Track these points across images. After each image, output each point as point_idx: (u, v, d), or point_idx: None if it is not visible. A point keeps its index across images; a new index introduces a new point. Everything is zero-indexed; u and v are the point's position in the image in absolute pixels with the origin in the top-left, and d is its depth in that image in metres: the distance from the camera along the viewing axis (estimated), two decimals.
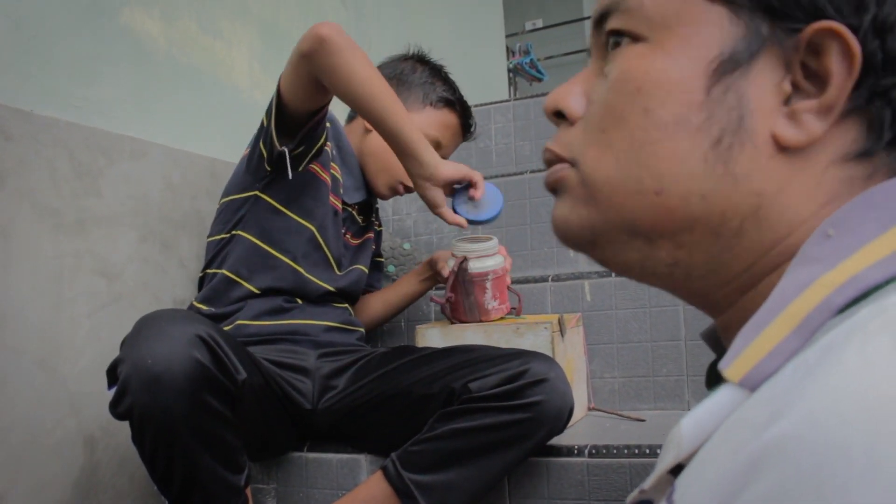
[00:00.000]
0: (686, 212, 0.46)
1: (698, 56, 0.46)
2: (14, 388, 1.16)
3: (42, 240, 1.23)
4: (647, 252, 0.49)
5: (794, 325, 0.39)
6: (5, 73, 1.22)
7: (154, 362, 0.99)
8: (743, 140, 0.45)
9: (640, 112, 0.47)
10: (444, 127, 1.55)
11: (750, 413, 0.36)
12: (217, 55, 1.76)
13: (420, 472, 1.17)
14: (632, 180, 0.47)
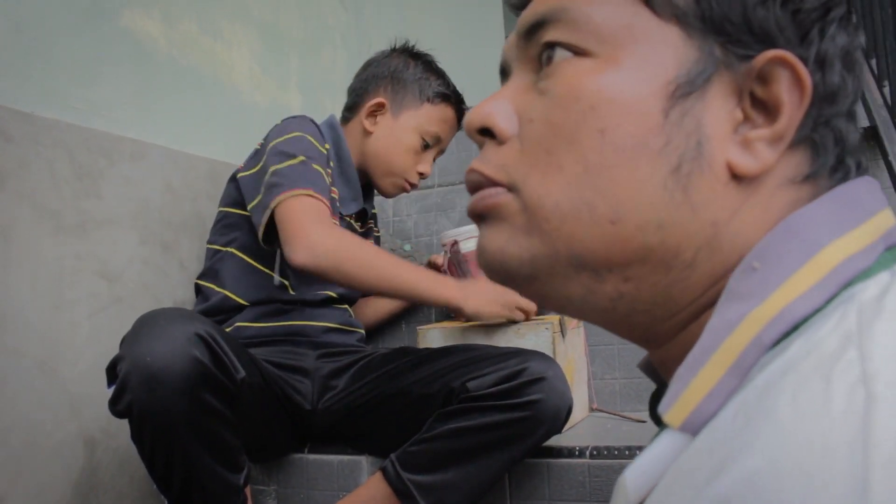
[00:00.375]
0: (641, 242, 0.43)
1: (654, 76, 0.43)
2: (14, 389, 1.16)
3: (43, 242, 1.23)
4: (592, 286, 0.44)
5: (728, 365, 0.38)
6: (6, 74, 1.22)
7: (153, 360, 0.99)
8: (702, 167, 0.42)
9: (595, 133, 0.43)
10: (442, 121, 1.56)
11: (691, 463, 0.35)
12: (217, 56, 1.76)
13: (419, 472, 1.17)
14: (585, 208, 0.43)
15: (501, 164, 0.45)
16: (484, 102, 0.47)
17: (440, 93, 1.56)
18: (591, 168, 0.43)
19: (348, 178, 1.53)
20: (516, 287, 0.47)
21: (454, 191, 1.96)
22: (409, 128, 1.51)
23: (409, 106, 1.53)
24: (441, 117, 1.56)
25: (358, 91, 1.58)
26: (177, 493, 1.09)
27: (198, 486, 1.08)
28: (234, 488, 1.13)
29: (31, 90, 1.27)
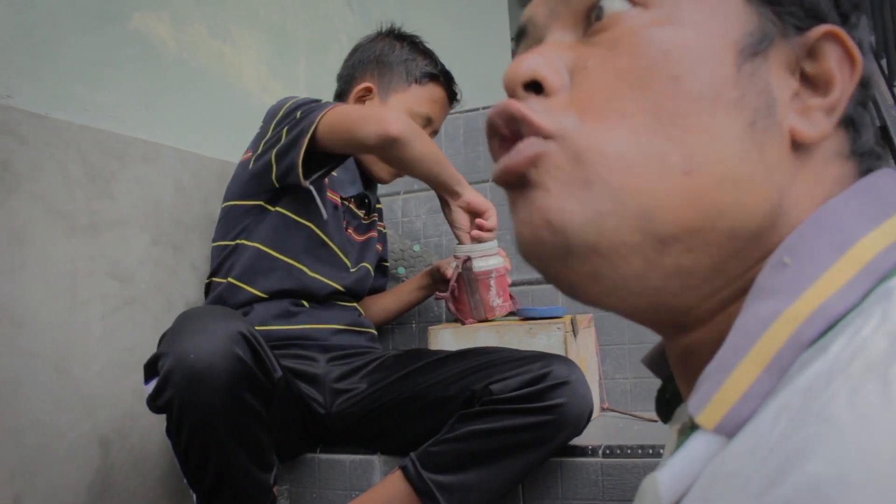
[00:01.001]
0: (714, 201, 0.39)
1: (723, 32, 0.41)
2: (29, 390, 1.17)
3: (56, 243, 1.23)
4: (653, 259, 0.39)
5: (764, 364, 0.37)
6: (18, 77, 1.23)
7: (197, 357, 1.00)
8: (772, 127, 0.41)
9: (668, 79, 0.40)
10: (431, 102, 1.56)
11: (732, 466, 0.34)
12: (226, 59, 1.76)
13: (440, 472, 1.17)
14: (655, 157, 0.39)
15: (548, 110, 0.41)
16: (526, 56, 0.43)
17: (428, 73, 1.56)
18: (663, 115, 0.39)
19: (346, 164, 1.54)
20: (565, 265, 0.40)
21: None
22: (398, 109, 1.50)
23: (396, 88, 1.53)
24: (430, 97, 1.56)
25: (346, 77, 1.59)
26: (207, 489, 1.10)
27: (229, 483, 1.09)
28: (265, 487, 1.14)
29: (43, 92, 1.27)
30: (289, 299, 1.42)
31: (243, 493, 1.11)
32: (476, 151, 2.24)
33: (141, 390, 1.34)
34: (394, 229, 2.01)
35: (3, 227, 1.16)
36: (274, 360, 1.12)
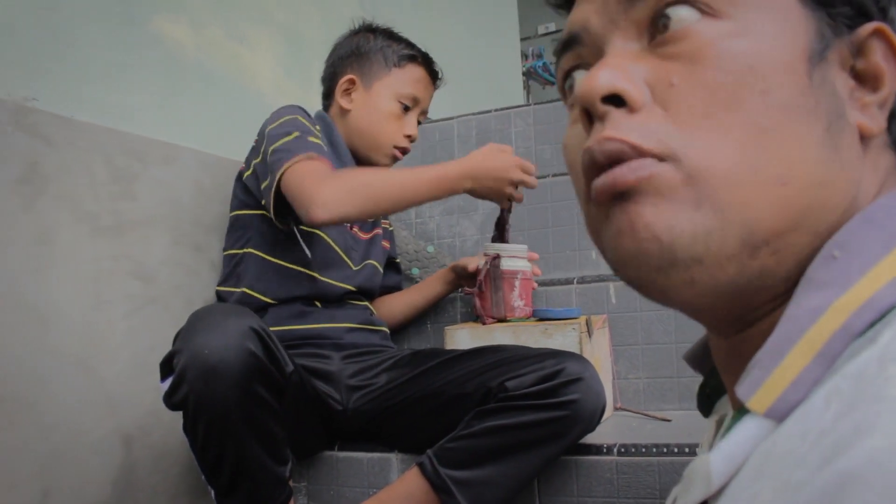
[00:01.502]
0: (802, 205, 0.41)
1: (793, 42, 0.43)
2: (56, 388, 1.19)
3: (81, 243, 1.26)
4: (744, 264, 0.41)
5: (814, 353, 0.38)
6: (45, 80, 1.25)
7: (210, 353, 1.03)
8: (843, 127, 0.43)
9: (758, 93, 0.41)
10: (414, 82, 1.58)
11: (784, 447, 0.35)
12: (242, 60, 1.79)
13: (457, 468, 1.19)
14: (757, 171, 0.41)
15: (649, 131, 0.42)
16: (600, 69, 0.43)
17: (405, 55, 1.58)
18: (759, 129, 0.41)
19: (342, 160, 1.55)
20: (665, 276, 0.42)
21: None
22: (384, 95, 1.54)
23: (378, 76, 1.56)
24: (412, 78, 1.58)
25: (328, 76, 1.62)
26: (225, 484, 1.12)
27: (246, 477, 1.11)
28: (281, 480, 1.16)
29: (67, 95, 1.29)
30: (301, 301, 1.45)
31: (260, 486, 1.13)
32: None
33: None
34: (407, 230, 2.03)
35: (33, 228, 1.18)
36: (285, 354, 1.15)
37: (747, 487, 0.36)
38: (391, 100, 1.54)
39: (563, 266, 1.86)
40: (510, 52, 3.81)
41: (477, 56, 3.18)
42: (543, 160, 2.18)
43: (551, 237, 1.88)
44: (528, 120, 2.21)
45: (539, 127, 2.19)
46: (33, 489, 1.14)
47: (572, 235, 1.86)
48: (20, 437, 1.13)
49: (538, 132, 2.19)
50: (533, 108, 2.22)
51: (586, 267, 1.83)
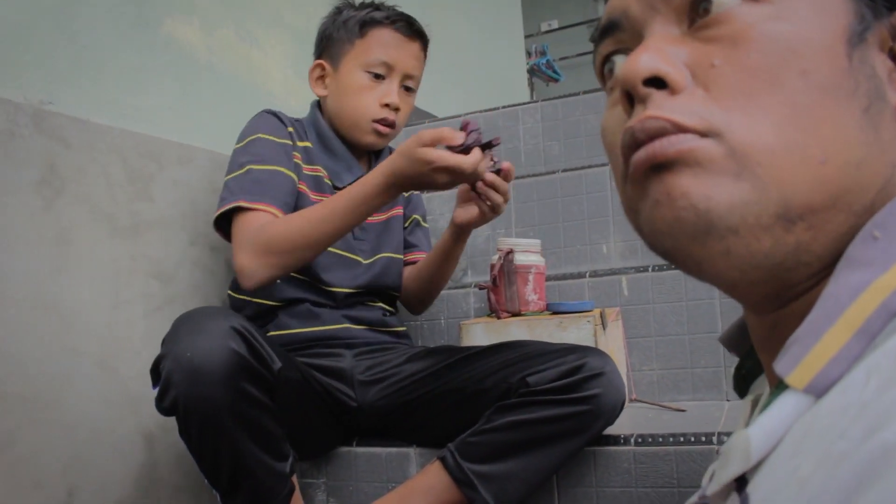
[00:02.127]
0: (839, 184, 0.43)
1: (832, 24, 0.44)
2: (78, 387, 1.21)
3: (100, 244, 1.27)
4: (780, 238, 0.43)
5: (854, 330, 0.39)
6: (63, 83, 1.27)
7: (193, 355, 1.03)
8: (883, 108, 0.44)
9: (798, 74, 0.43)
10: (380, 46, 1.44)
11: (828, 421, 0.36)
12: (253, 62, 1.80)
13: (480, 462, 1.20)
14: (797, 150, 0.42)
15: (691, 111, 0.43)
16: (640, 52, 0.45)
17: (364, 21, 1.45)
18: (799, 109, 0.42)
19: (333, 150, 1.50)
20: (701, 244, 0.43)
21: None
22: (351, 70, 1.45)
23: (343, 53, 1.46)
24: (378, 42, 1.44)
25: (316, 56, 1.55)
26: (226, 484, 1.13)
27: (245, 475, 1.12)
28: (281, 475, 1.16)
29: (83, 98, 1.31)
30: (310, 303, 1.43)
31: (260, 483, 1.13)
32: (497, 150, 2.26)
33: None
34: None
35: (52, 229, 1.19)
36: (272, 352, 1.14)
37: (787, 461, 0.37)
38: (357, 72, 1.44)
39: (574, 260, 1.87)
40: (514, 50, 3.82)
41: (482, 54, 3.19)
42: (552, 156, 2.19)
43: (562, 232, 1.89)
44: (535, 116, 2.22)
45: (547, 123, 2.21)
46: (58, 488, 1.16)
47: (583, 230, 1.87)
48: (44, 436, 1.15)
49: (546, 128, 2.20)
50: (540, 105, 2.23)
51: (597, 261, 1.84)
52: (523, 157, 2.23)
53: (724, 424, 1.26)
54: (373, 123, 1.45)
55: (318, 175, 1.46)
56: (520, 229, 1.94)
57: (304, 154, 1.47)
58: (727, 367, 1.51)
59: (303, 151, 1.47)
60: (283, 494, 1.17)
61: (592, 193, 1.86)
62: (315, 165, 1.47)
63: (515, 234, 1.93)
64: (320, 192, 1.45)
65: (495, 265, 1.50)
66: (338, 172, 1.49)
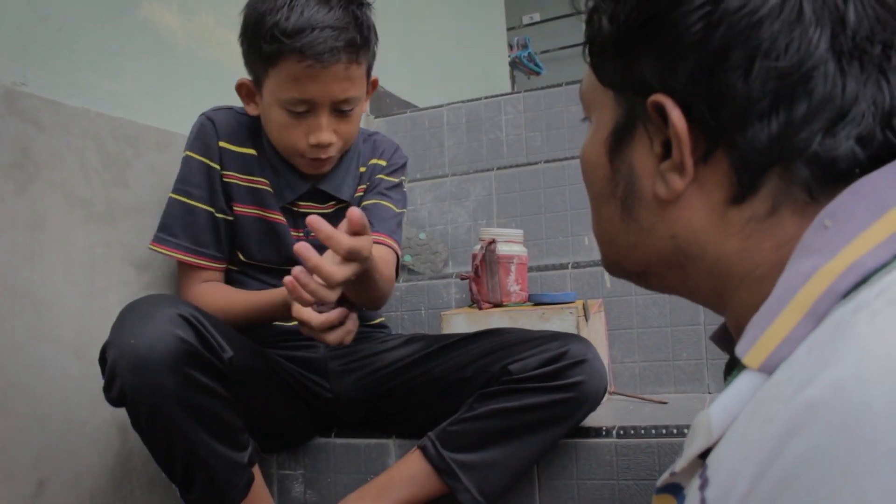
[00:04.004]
0: (634, 257, 0.57)
1: (602, 136, 0.57)
2: (52, 376, 1.18)
3: (74, 230, 1.24)
4: (648, 282, 0.60)
5: (803, 312, 0.42)
6: (33, 64, 1.23)
7: (137, 342, 1.00)
8: (637, 199, 0.54)
9: (588, 187, 0.61)
10: (291, 80, 1.21)
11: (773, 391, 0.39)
12: (233, 49, 1.76)
13: (461, 451, 1.18)
14: (598, 237, 0.61)
15: None
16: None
17: (269, 53, 1.20)
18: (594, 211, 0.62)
19: (273, 165, 1.35)
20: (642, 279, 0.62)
21: (468, 180, 1.98)
22: (270, 103, 1.26)
23: (260, 78, 1.27)
24: (288, 76, 1.21)
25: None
26: (181, 476, 1.09)
27: (199, 465, 1.08)
28: (238, 465, 1.12)
29: (57, 80, 1.28)
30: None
31: (215, 474, 1.09)
32: (479, 141, 2.25)
33: None
34: None
35: (25, 214, 1.16)
36: (222, 341, 1.09)
37: (740, 430, 0.41)
38: (275, 107, 1.25)
39: (555, 252, 1.86)
40: (496, 42, 3.80)
41: (464, 45, 3.17)
42: (534, 147, 2.18)
43: (544, 223, 1.88)
44: (517, 107, 2.21)
45: (529, 114, 2.19)
46: (29, 479, 1.13)
47: (565, 221, 1.86)
48: (15, 426, 1.12)
49: (528, 119, 2.19)
50: (523, 96, 2.22)
51: (579, 252, 1.84)
52: (505, 148, 2.22)
53: None
54: (303, 159, 1.29)
55: (261, 188, 1.35)
56: (501, 220, 1.92)
57: (242, 164, 1.34)
58: (709, 359, 1.51)
59: (240, 161, 1.34)
60: (240, 485, 1.14)
61: (575, 185, 1.85)
62: (257, 177, 1.35)
63: (497, 225, 1.92)
64: (263, 206, 1.34)
65: (477, 255, 1.49)
66: (280, 189, 1.35)
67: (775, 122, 0.47)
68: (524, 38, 5.19)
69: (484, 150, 2.24)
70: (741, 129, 0.48)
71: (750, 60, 0.46)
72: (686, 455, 0.48)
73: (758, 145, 0.47)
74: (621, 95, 0.54)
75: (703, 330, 1.51)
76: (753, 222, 0.49)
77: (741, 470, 0.37)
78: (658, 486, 0.54)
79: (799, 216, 0.48)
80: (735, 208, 0.50)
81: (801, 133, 0.46)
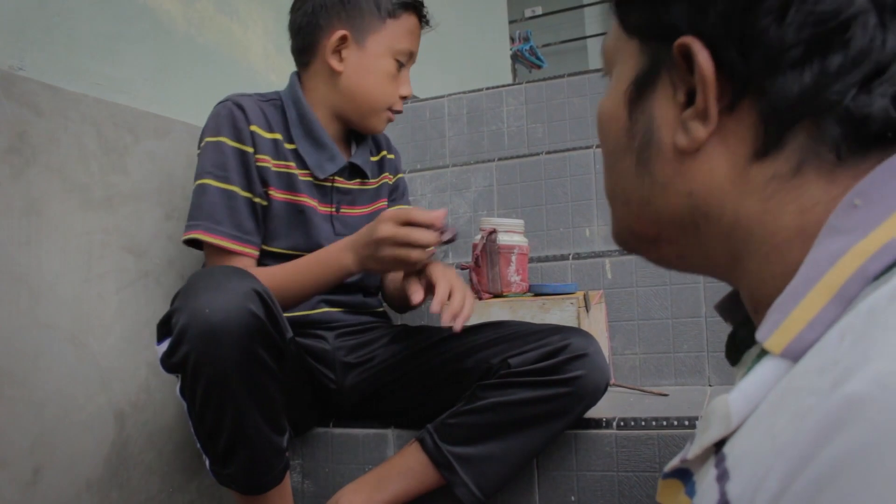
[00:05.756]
0: (647, 216, 0.54)
1: (622, 87, 0.54)
2: (47, 363, 1.17)
3: (72, 216, 1.23)
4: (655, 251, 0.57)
5: (831, 295, 0.40)
6: (31, 48, 1.22)
7: (212, 312, 0.99)
8: (655, 151, 0.51)
9: (603, 142, 0.57)
10: (409, 33, 1.39)
11: (803, 381, 0.37)
12: (233, 35, 1.76)
13: (459, 443, 1.18)
14: (614, 195, 0.57)
15: None
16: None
17: (400, 2, 1.37)
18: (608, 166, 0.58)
19: (315, 138, 1.38)
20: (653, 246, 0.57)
21: (468, 170, 1.97)
22: (380, 53, 1.36)
23: (371, 28, 1.36)
24: (407, 29, 1.39)
25: (307, 28, 1.39)
26: (222, 451, 1.08)
27: (244, 444, 1.07)
28: (279, 449, 1.13)
29: (55, 65, 1.26)
30: None
31: (258, 454, 1.09)
32: (479, 132, 2.24)
33: (156, 364, 1.34)
34: None
35: (21, 199, 1.15)
36: (285, 320, 1.10)
37: (764, 421, 0.38)
38: (387, 57, 1.36)
39: (556, 243, 1.85)
40: (498, 35, 3.79)
41: (466, 37, 3.16)
42: (535, 138, 2.16)
43: (545, 214, 1.87)
44: (519, 98, 2.20)
45: (531, 105, 2.18)
46: (24, 467, 1.12)
47: (566, 212, 1.85)
48: (11, 413, 1.11)
49: (530, 111, 2.18)
50: (524, 87, 2.21)
51: (580, 243, 1.82)
52: (507, 139, 2.21)
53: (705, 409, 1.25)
54: (389, 113, 1.41)
55: (290, 172, 1.35)
56: (502, 211, 1.91)
57: (272, 148, 1.34)
58: (710, 352, 1.50)
59: (269, 146, 1.34)
60: (277, 470, 1.14)
61: (576, 176, 1.84)
62: (286, 161, 1.35)
63: (498, 216, 1.90)
64: (292, 190, 1.35)
65: (477, 245, 1.47)
66: (320, 163, 1.38)
67: (808, 72, 0.44)
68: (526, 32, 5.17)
69: (485, 140, 2.23)
70: (771, 77, 0.45)
71: (786, 3, 0.44)
72: (700, 443, 0.46)
73: (788, 95, 0.45)
74: (646, 43, 0.52)
75: (704, 322, 1.50)
76: (776, 181, 0.46)
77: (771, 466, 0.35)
78: (665, 471, 0.53)
79: (825, 180, 0.45)
80: (758, 164, 0.47)
81: (834, 85, 0.43)
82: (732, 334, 0.57)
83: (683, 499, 0.50)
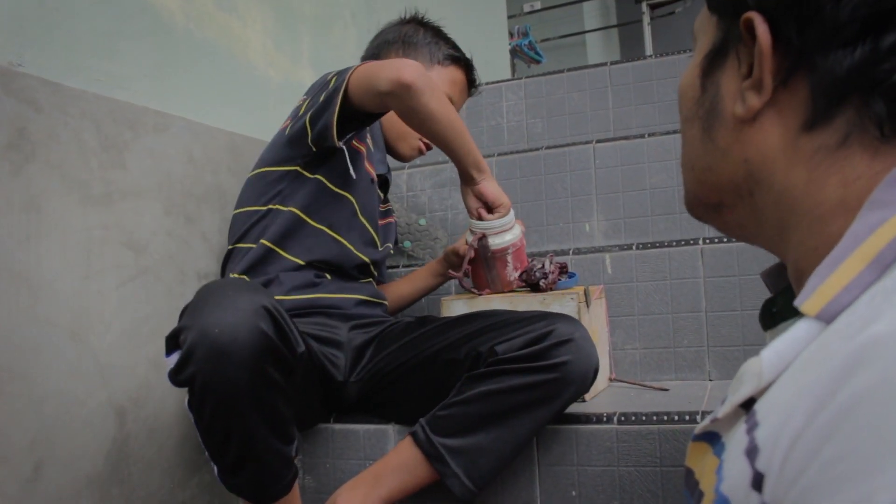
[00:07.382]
0: (709, 182, 0.58)
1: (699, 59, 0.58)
2: (47, 359, 1.17)
3: (71, 212, 1.23)
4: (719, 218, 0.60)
5: (868, 261, 0.41)
6: (30, 44, 1.22)
7: (221, 332, 0.97)
8: (716, 121, 0.55)
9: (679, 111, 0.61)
10: (452, 83, 1.61)
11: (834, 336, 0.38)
12: (233, 32, 1.75)
13: (450, 435, 1.18)
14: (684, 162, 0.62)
15: None
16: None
17: (451, 55, 1.62)
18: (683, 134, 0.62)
19: (377, 139, 1.58)
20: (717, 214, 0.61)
21: None
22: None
23: (427, 63, 1.58)
24: (451, 79, 1.61)
25: (371, 58, 1.62)
26: (230, 463, 1.07)
27: (253, 458, 1.06)
28: (288, 460, 1.12)
29: (54, 61, 1.26)
30: (314, 270, 1.41)
31: (266, 466, 1.08)
32: (479, 127, 2.24)
33: (156, 360, 1.35)
34: (399, 203, 2.02)
35: (21, 195, 1.15)
36: (297, 334, 1.09)
37: (795, 377, 0.40)
38: None
39: (556, 238, 1.85)
40: (497, 29, 3.78)
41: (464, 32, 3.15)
42: (535, 133, 2.16)
43: (545, 209, 1.87)
44: (518, 93, 2.20)
45: (530, 101, 2.18)
46: (24, 463, 1.12)
47: (566, 207, 1.84)
48: (11, 409, 1.11)
49: (529, 105, 2.18)
50: (524, 82, 2.20)
51: (580, 239, 1.82)
52: (506, 134, 2.21)
53: (706, 404, 1.25)
54: (420, 143, 1.62)
55: (360, 151, 1.49)
56: None
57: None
58: (710, 346, 1.50)
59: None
60: (286, 481, 1.13)
61: (576, 171, 1.84)
62: (363, 141, 1.50)
63: None
64: (354, 164, 1.44)
65: (467, 251, 1.43)
66: (376, 159, 1.57)
67: (860, 50, 0.46)
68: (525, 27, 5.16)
69: (485, 136, 2.23)
70: (823, 53, 0.47)
71: None
72: (731, 401, 0.48)
73: (838, 71, 0.47)
74: (722, 19, 0.56)
75: (704, 317, 1.50)
76: (823, 152, 0.48)
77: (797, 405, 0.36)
78: (695, 433, 0.54)
79: (870, 156, 0.47)
80: (806, 135, 0.49)
81: (883, 64, 0.45)
82: (771, 300, 0.60)
83: (711, 458, 0.51)
